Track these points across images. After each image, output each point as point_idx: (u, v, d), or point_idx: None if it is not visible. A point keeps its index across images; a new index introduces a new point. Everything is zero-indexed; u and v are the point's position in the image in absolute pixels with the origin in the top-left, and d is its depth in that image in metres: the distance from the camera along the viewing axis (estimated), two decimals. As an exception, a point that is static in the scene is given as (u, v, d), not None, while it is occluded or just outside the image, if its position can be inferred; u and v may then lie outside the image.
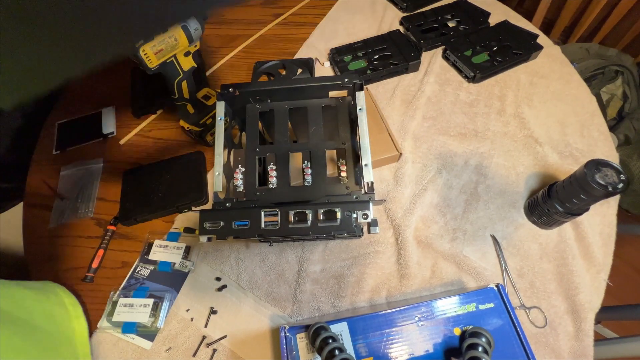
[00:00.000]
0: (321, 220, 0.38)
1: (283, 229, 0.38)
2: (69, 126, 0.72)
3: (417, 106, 0.67)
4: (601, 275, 0.50)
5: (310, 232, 0.38)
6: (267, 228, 0.38)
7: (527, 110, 0.66)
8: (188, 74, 0.56)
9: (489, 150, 0.61)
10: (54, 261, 0.55)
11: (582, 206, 0.46)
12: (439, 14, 0.81)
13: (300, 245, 0.54)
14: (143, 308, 0.49)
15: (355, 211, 0.38)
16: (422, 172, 0.60)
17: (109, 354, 0.47)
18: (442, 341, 0.41)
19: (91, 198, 0.61)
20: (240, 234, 0.38)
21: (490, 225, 0.54)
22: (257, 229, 0.38)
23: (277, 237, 0.46)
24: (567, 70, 0.72)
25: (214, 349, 0.46)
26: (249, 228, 0.38)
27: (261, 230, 0.38)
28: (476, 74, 0.69)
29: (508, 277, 0.50)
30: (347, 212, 0.38)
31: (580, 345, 0.45)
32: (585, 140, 0.62)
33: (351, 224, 0.38)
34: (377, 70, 0.71)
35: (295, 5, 0.92)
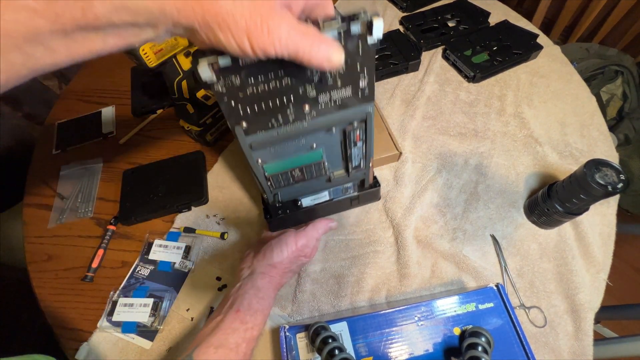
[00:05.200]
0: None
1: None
2: (68, 126, 0.72)
3: (417, 106, 0.67)
4: (601, 275, 0.50)
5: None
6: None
7: (527, 110, 0.66)
8: (188, 73, 0.56)
9: (489, 150, 0.61)
10: (54, 261, 0.55)
11: (581, 206, 0.47)
12: (439, 13, 0.81)
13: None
14: (143, 308, 0.49)
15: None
16: (422, 172, 0.60)
17: (109, 353, 0.47)
18: (441, 341, 0.41)
19: (91, 198, 0.61)
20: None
21: (490, 225, 0.54)
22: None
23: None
24: (567, 70, 0.72)
25: (213, 348, 0.46)
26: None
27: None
28: (476, 73, 0.69)
29: (508, 276, 0.50)
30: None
31: (579, 344, 0.45)
32: (585, 140, 0.62)
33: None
34: (377, 70, 0.71)
35: (295, 5, 0.92)
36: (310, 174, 0.42)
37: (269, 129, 0.35)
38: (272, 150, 0.38)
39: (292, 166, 0.41)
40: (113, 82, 0.79)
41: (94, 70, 0.84)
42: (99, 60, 0.86)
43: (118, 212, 0.58)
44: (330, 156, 0.41)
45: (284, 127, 0.35)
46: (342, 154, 0.42)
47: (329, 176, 0.44)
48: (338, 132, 0.38)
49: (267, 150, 0.37)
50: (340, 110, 0.35)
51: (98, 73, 0.83)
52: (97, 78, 0.81)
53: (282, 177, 0.42)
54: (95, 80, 0.81)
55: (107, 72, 0.82)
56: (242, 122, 0.33)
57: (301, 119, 0.35)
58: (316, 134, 0.37)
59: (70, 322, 0.50)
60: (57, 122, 0.73)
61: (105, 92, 0.78)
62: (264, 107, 0.33)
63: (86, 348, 0.47)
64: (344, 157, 0.42)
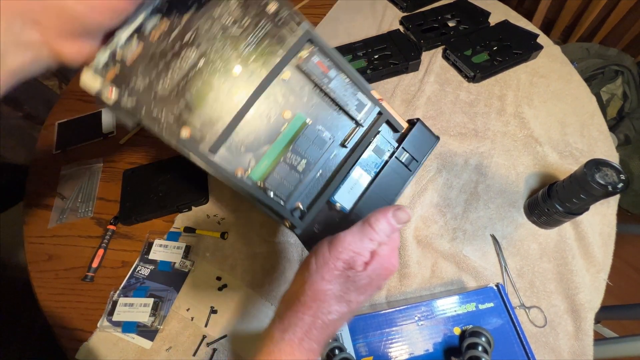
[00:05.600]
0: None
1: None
2: (69, 126, 0.72)
3: (417, 106, 0.67)
4: (601, 275, 0.50)
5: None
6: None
7: (527, 110, 0.66)
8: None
9: (489, 150, 0.61)
10: (54, 261, 0.55)
11: (582, 206, 0.46)
12: (439, 13, 0.81)
13: (301, 244, 0.54)
14: (143, 307, 0.49)
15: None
16: (422, 172, 0.60)
17: (109, 353, 0.47)
18: (442, 341, 0.41)
19: (91, 198, 0.61)
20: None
21: (490, 224, 0.54)
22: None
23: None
24: (567, 70, 0.72)
25: (214, 348, 0.46)
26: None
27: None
28: (476, 73, 0.69)
29: (508, 276, 0.50)
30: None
31: (580, 344, 0.45)
32: (585, 140, 0.62)
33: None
34: (377, 70, 0.71)
35: (295, 6, 0.92)
36: (311, 147, 0.30)
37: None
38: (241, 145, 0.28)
39: (281, 151, 0.29)
40: (113, 82, 0.79)
41: (94, 70, 0.84)
42: (99, 60, 0.86)
43: (118, 212, 0.58)
44: (318, 114, 0.30)
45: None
46: (329, 103, 0.31)
47: (340, 141, 0.31)
48: (295, 77, 0.29)
49: (236, 149, 0.28)
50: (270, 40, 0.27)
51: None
52: (97, 78, 0.81)
53: (282, 175, 0.29)
54: (96, 80, 0.81)
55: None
56: (181, 129, 0.26)
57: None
58: (273, 93, 0.28)
59: (70, 322, 0.50)
60: (57, 122, 0.73)
61: (105, 92, 0.78)
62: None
63: (86, 348, 0.47)
64: (333, 105, 0.31)
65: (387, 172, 0.32)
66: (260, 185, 0.29)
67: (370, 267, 0.27)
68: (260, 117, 0.28)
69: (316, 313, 0.25)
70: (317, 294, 0.25)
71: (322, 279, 0.26)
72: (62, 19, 0.23)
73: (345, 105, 0.31)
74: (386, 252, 0.27)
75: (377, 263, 0.27)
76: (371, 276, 0.27)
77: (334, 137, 0.31)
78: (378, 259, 0.27)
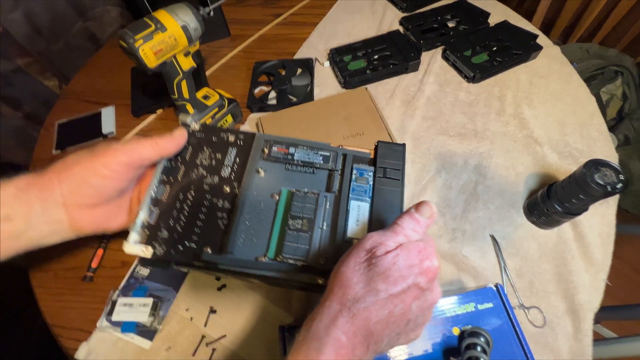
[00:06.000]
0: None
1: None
2: (69, 126, 0.72)
3: (417, 106, 0.67)
4: (600, 275, 0.50)
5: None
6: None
7: (527, 111, 0.66)
8: (188, 73, 0.56)
9: (489, 150, 0.61)
10: (54, 261, 0.55)
11: (581, 206, 0.47)
12: (439, 14, 0.81)
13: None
14: (142, 307, 0.49)
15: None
16: (422, 172, 0.60)
17: (109, 353, 0.47)
18: (440, 341, 0.41)
19: (91, 198, 0.61)
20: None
21: (490, 225, 0.54)
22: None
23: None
24: (566, 71, 0.72)
25: (213, 348, 0.46)
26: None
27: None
28: (476, 74, 0.69)
29: (507, 277, 0.50)
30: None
31: (579, 345, 0.45)
32: (584, 140, 0.62)
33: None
34: (377, 70, 0.71)
35: (295, 5, 0.92)
36: (306, 207, 0.33)
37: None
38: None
39: (282, 223, 0.33)
40: (113, 82, 0.79)
41: (94, 70, 0.84)
42: (99, 60, 0.87)
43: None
44: (298, 181, 0.35)
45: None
46: (302, 170, 0.36)
47: (325, 190, 0.35)
48: (268, 167, 0.35)
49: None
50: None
51: (98, 73, 0.83)
52: (97, 78, 0.81)
53: (293, 241, 0.32)
54: (95, 80, 0.81)
55: (107, 72, 0.82)
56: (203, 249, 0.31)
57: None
58: (256, 188, 0.34)
59: (70, 322, 0.50)
60: (57, 122, 0.73)
61: (105, 92, 0.78)
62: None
63: (86, 348, 0.47)
64: (306, 168, 0.36)
65: (380, 191, 0.35)
66: (279, 259, 0.31)
67: (393, 254, 0.25)
68: (255, 210, 0.33)
69: (341, 299, 0.24)
70: (341, 280, 0.25)
71: (346, 266, 0.25)
72: (84, 194, 0.28)
73: (314, 164, 0.36)
74: (417, 246, 0.26)
75: (403, 253, 0.25)
76: (398, 264, 0.24)
77: (319, 190, 0.35)
78: (404, 249, 0.25)
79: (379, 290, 0.24)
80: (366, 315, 0.23)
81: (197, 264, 0.31)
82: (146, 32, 0.47)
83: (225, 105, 0.65)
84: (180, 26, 0.49)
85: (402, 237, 0.26)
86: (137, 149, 0.29)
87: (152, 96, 0.73)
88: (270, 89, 0.73)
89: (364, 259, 0.25)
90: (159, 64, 0.50)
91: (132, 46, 0.46)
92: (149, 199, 0.32)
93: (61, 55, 0.89)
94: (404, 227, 0.27)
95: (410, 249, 0.25)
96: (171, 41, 0.49)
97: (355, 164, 0.36)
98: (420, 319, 0.25)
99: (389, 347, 0.25)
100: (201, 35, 0.53)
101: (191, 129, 0.36)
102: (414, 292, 0.24)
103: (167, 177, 0.34)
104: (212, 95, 0.64)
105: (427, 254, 0.26)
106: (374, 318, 0.23)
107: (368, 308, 0.23)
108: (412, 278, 0.24)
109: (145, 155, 0.30)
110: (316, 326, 0.23)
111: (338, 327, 0.23)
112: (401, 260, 0.25)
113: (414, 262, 0.25)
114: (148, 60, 0.48)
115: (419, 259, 0.25)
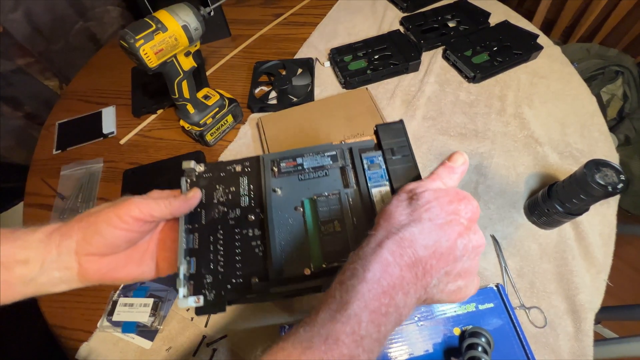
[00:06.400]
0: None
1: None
2: (69, 126, 0.72)
3: (417, 106, 0.67)
4: (601, 276, 0.50)
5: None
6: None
7: (527, 111, 0.66)
8: (188, 73, 0.56)
9: (489, 151, 0.61)
10: (54, 261, 0.55)
11: (582, 206, 0.46)
12: (439, 14, 0.81)
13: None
14: (143, 308, 0.49)
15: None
16: (422, 172, 0.59)
17: (109, 353, 0.47)
18: (441, 341, 0.41)
19: (91, 198, 0.61)
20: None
21: (490, 225, 0.54)
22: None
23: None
24: (567, 71, 0.72)
25: (214, 348, 0.46)
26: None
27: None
28: (476, 74, 0.69)
29: (508, 277, 0.50)
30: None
31: (580, 345, 0.45)
32: (585, 140, 0.62)
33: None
34: (377, 70, 0.71)
35: (295, 5, 0.92)
36: (332, 210, 0.34)
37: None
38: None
39: (316, 231, 0.33)
40: (113, 82, 0.79)
41: (94, 70, 0.84)
42: (99, 60, 0.87)
43: (118, 212, 0.58)
44: (314, 187, 0.35)
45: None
46: (314, 176, 0.36)
47: (342, 187, 0.35)
48: (282, 183, 0.35)
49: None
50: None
51: (98, 73, 0.83)
52: (98, 78, 0.81)
53: (332, 245, 0.32)
54: (96, 80, 0.81)
55: (107, 72, 0.82)
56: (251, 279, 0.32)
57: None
58: (277, 207, 0.34)
59: (70, 322, 0.50)
60: (57, 122, 0.73)
61: (105, 92, 0.78)
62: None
63: (86, 348, 0.47)
64: (318, 173, 0.36)
65: (395, 171, 0.35)
66: (325, 266, 0.31)
67: (433, 191, 0.26)
68: (285, 228, 0.33)
69: (387, 228, 0.25)
70: (385, 214, 0.26)
71: (389, 205, 0.27)
72: (94, 243, 0.30)
73: (324, 166, 0.36)
74: (455, 189, 0.27)
75: (443, 191, 0.26)
76: (439, 199, 0.25)
77: (338, 189, 0.35)
78: (443, 189, 0.27)
79: (422, 219, 0.24)
80: (413, 238, 0.23)
81: (250, 296, 0.31)
82: (147, 32, 0.47)
83: (226, 105, 0.65)
84: (181, 26, 0.49)
85: (439, 182, 0.28)
86: (150, 205, 0.31)
87: (153, 96, 0.73)
88: (271, 89, 0.73)
89: (406, 197, 0.27)
90: (159, 64, 0.50)
91: (132, 46, 0.46)
92: (183, 251, 0.33)
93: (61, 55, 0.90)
94: (440, 174, 0.28)
95: (448, 190, 0.27)
96: (172, 41, 0.49)
97: (362, 154, 0.36)
98: (467, 263, 0.25)
99: (437, 292, 0.25)
100: (202, 35, 0.53)
101: (197, 172, 0.36)
102: (457, 227, 0.24)
103: (191, 225, 0.34)
104: (212, 95, 0.64)
105: (465, 195, 0.26)
106: (421, 241, 0.23)
107: (413, 232, 0.24)
108: (454, 212, 0.25)
109: (156, 213, 0.31)
110: (363, 251, 0.24)
111: (384, 248, 0.23)
112: (441, 196, 0.26)
113: (454, 199, 0.26)
114: (149, 60, 0.48)
115: (457, 198, 0.26)
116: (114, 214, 0.30)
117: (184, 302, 0.31)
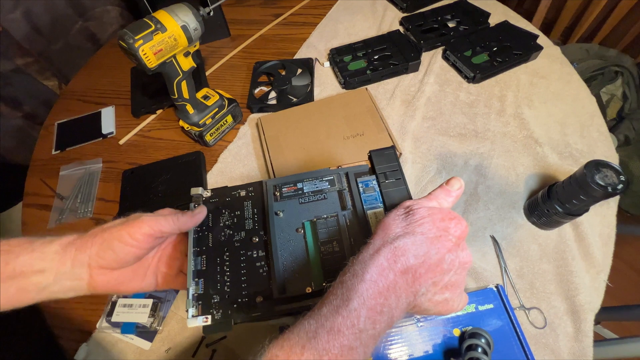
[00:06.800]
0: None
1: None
2: (68, 126, 0.72)
3: (417, 106, 0.67)
4: (601, 276, 0.50)
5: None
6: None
7: (527, 111, 0.66)
8: (188, 74, 0.56)
9: (489, 151, 0.61)
10: (54, 261, 0.55)
11: (581, 207, 0.46)
12: (439, 14, 0.81)
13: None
14: (142, 308, 0.49)
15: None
16: (422, 173, 0.60)
17: (108, 354, 0.47)
18: (441, 342, 0.41)
19: (91, 198, 0.61)
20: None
21: (490, 225, 0.54)
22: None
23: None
24: (567, 71, 0.72)
25: (213, 349, 0.46)
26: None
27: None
28: (476, 74, 0.69)
29: (508, 277, 0.50)
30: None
31: (579, 346, 0.45)
32: (585, 140, 0.62)
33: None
34: (377, 71, 0.71)
35: (295, 5, 0.92)
36: (330, 230, 0.36)
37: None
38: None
39: (316, 252, 0.34)
40: (113, 82, 0.79)
41: (94, 70, 0.84)
42: (99, 60, 0.87)
43: (118, 213, 0.58)
44: (314, 210, 0.37)
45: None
46: (313, 199, 0.38)
47: (340, 209, 0.37)
48: (284, 206, 0.37)
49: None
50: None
51: (98, 73, 0.83)
52: (97, 78, 0.81)
53: (331, 265, 0.34)
54: (95, 80, 0.81)
55: (107, 72, 0.82)
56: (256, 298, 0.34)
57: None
58: (280, 229, 0.35)
59: (69, 323, 0.50)
60: (57, 122, 0.73)
61: (105, 92, 0.78)
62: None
63: (85, 349, 0.47)
64: (317, 196, 0.38)
65: (388, 194, 0.37)
66: (325, 284, 0.33)
67: (427, 209, 0.29)
68: (288, 249, 0.34)
69: (383, 237, 0.27)
70: (383, 225, 0.29)
71: (387, 217, 0.30)
72: (106, 257, 0.32)
73: (323, 190, 0.38)
74: (448, 210, 0.30)
75: (436, 210, 0.29)
76: (432, 216, 0.28)
77: (336, 211, 0.37)
78: (437, 208, 0.30)
79: (415, 232, 0.27)
80: (405, 248, 0.26)
81: (255, 314, 0.33)
82: (146, 32, 0.47)
83: (226, 105, 0.65)
84: (180, 26, 0.49)
85: (435, 202, 0.31)
86: (160, 222, 0.33)
87: (152, 96, 0.73)
88: (270, 89, 0.73)
89: (403, 212, 0.29)
90: (159, 64, 0.50)
91: (132, 46, 0.46)
92: (192, 272, 0.34)
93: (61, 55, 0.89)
94: (437, 195, 0.31)
95: (442, 209, 0.30)
96: (171, 41, 0.49)
97: (357, 178, 0.38)
98: (454, 277, 0.27)
99: (425, 300, 0.27)
100: (201, 35, 0.53)
101: (204, 197, 0.38)
102: (447, 243, 0.27)
103: (199, 247, 0.36)
104: (212, 95, 0.64)
105: (456, 216, 0.29)
106: (413, 251, 0.26)
107: (406, 243, 0.26)
108: (444, 229, 0.28)
109: (165, 229, 0.33)
110: (362, 256, 0.27)
111: (381, 255, 0.26)
112: (435, 213, 0.29)
113: (445, 217, 0.28)
114: (148, 61, 0.48)
115: (449, 217, 0.29)
116: (126, 232, 0.32)
117: (193, 322, 0.32)
